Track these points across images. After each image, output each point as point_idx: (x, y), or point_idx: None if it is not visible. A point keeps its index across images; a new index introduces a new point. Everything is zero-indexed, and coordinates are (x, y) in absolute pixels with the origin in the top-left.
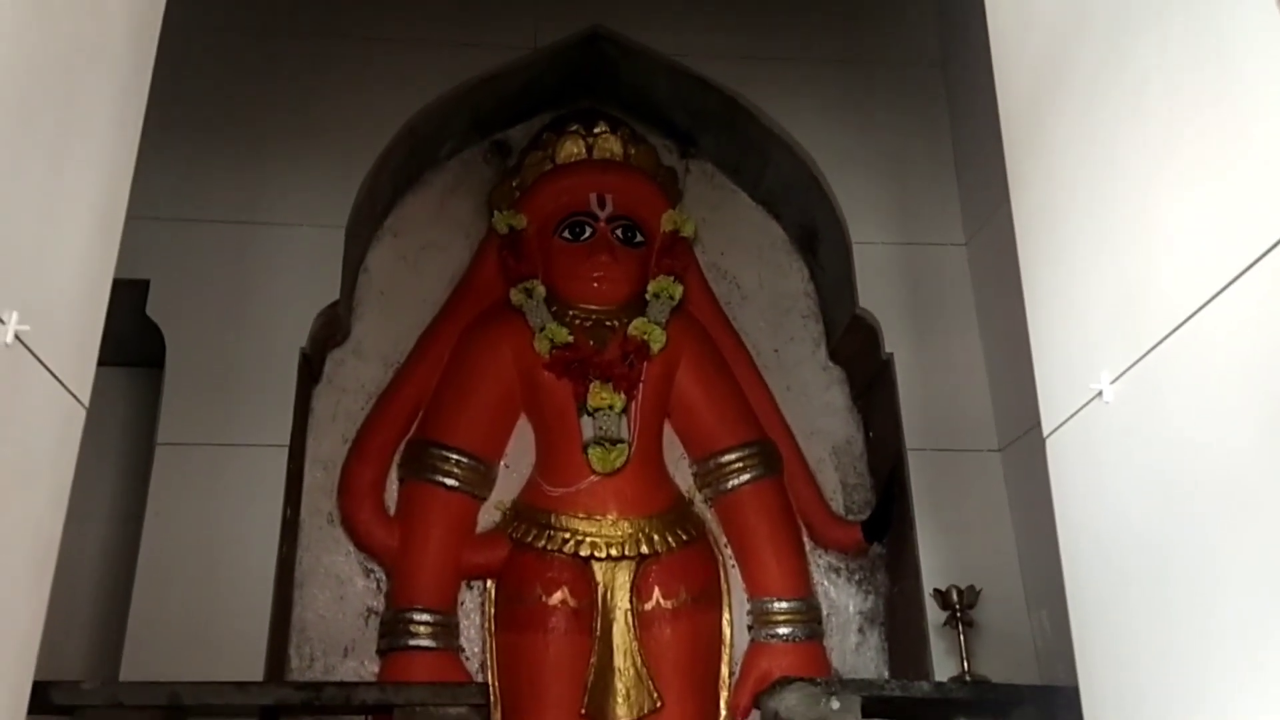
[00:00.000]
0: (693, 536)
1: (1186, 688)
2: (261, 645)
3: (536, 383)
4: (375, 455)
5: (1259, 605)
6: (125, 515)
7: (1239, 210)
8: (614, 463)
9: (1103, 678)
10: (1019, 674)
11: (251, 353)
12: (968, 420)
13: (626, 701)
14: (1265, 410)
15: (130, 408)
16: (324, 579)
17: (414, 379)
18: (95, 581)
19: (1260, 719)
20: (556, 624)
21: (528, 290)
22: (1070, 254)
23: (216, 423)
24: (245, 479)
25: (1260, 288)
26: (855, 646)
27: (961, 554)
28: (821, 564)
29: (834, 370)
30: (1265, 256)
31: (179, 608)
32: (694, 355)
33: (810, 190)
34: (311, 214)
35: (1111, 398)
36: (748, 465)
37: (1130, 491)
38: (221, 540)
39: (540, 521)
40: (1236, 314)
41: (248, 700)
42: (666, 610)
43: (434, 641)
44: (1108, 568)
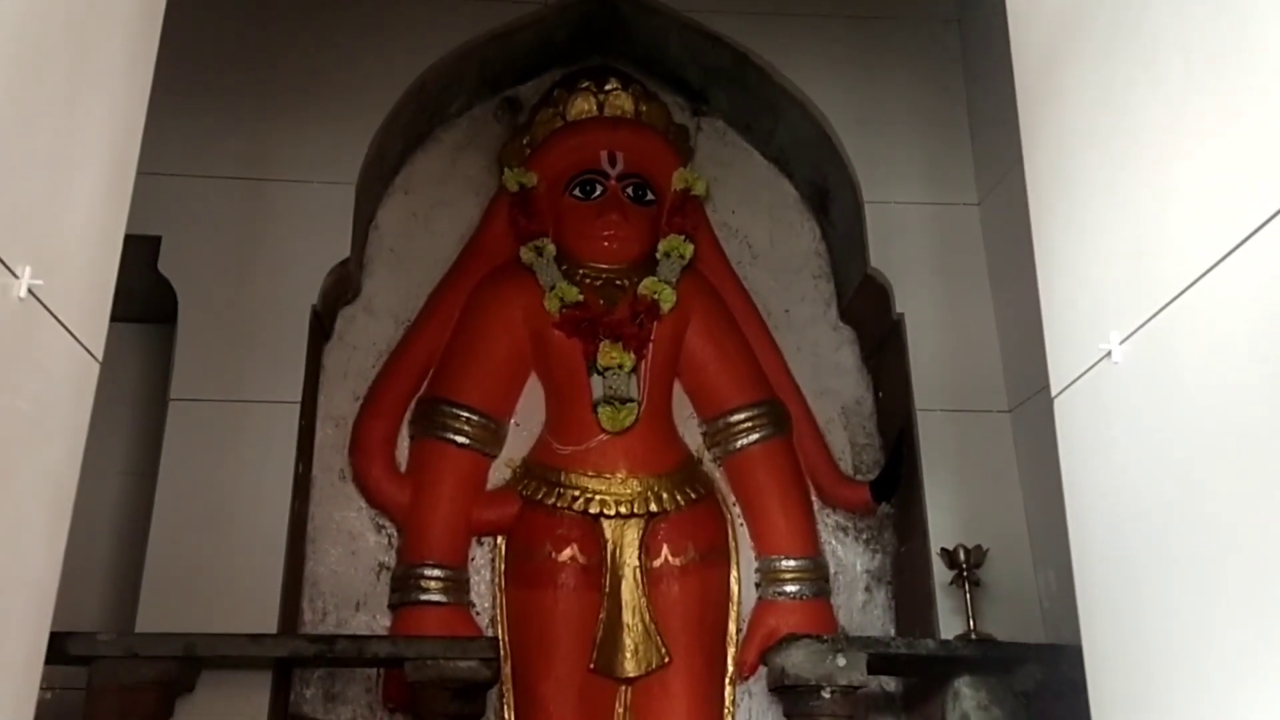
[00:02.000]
0: (701, 495)
1: (1190, 648)
2: (275, 599)
3: (546, 341)
4: (386, 412)
5: (1263, 565)
6: (139, 470)
7: (1253, 169)
8: (623, 421)
9: (1106, 637)
10: (1024, 633)
11: (263, 309)
12: (978, 381)
13: (635, 657)
14: (1274, 369)
15: (143, 363)
16: (336, 534)
17: (424, 337)
18: (111, 535)
19: (1265, 681)
20: (566, 580)
21: (538, 249)
22: (1082, 213)
23: (229, 379)
24: (257, 435)
25: (1273, 247)
26: (862, 605)
27: (969, 514)
28: (829, 523)
29: (844, 330)
30: (1273, 220)
31: (193, 561)
32: (704, 315)
33: (822, 148)
34: (322, 170)
35: (1120, 358)
36: (757, 425)
37: (1137, 452)
38: (234, 495)
39: (550, 479)
40: (1248, 274)
41: (261, 652)
42: (675, 567)
43: (445, 596)
44: (1113, 528)
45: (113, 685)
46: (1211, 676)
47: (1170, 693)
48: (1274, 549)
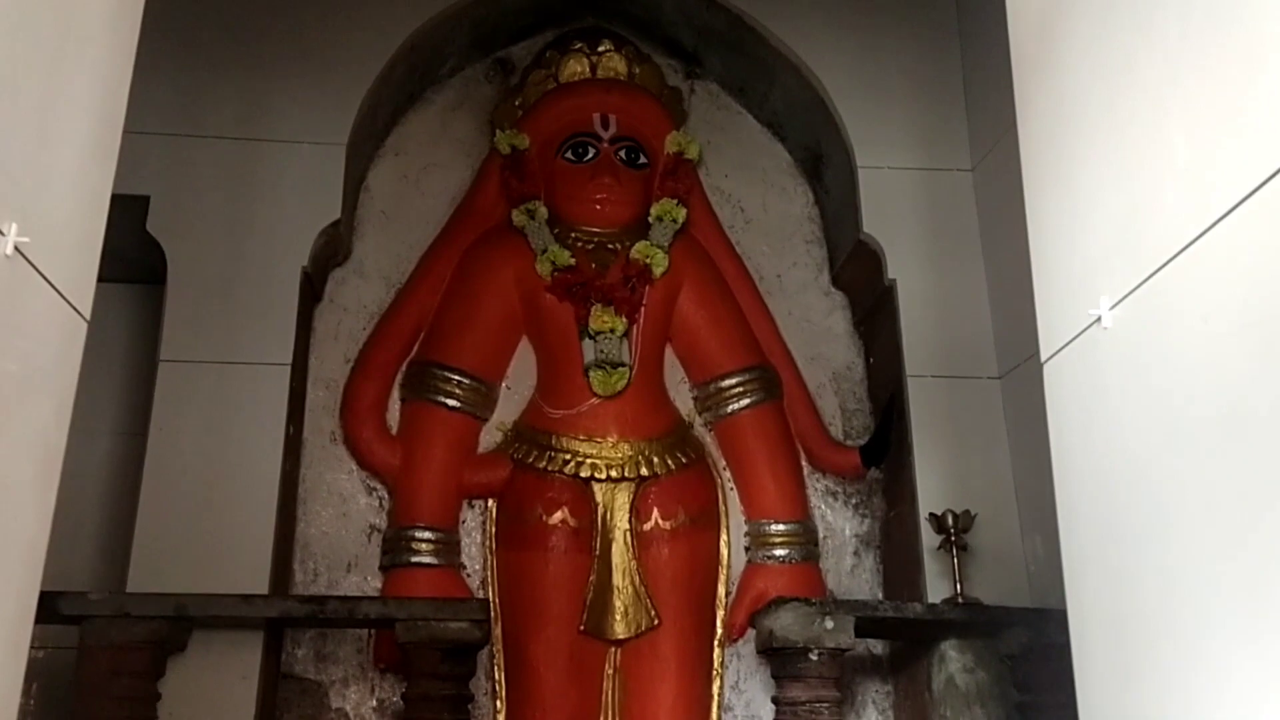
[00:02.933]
0: (692, 459)
1: (1174, 611)
2: (266, 560)
3: (538, 305)
4: (377, 375)
5: (1248, 528)
6: (130, 431)
7: (1246, 134)
8: (615, 386)
9: (1090, 600)
10: (1011, 598)
11: (253, 270)
12: (968, 347)
13: (625, 619)
14: (1264, 335)
15: (133, 324)
16: (327, 496)
17: (415, 299)
18: (101, 496)
19: (1248, 643)
20: (557, 543)
21: (529, 211)
22: (1075, 177)
23: (219, 340)
24: (248, 396)
25: (1264, 213)
26: (850, 569)
27: (958, 479)
28: (819, 488)
29: (836, 296)
30: (1270, 182)
31: (184, 522)
32: (696, 279)
33: (816, 113)
34: (312, 131)
35: (1110, 323)
36: (748, 390)
37: (1125, 418)
38: (225, 457)
39: (541, 443)
40: (1240, 239)
41: (252, 612)
42: (665, 531)
43: (435, 558)
44: (1100, 493)
45: (104, 644)
46: (1195, 639)
47: (1153, 655)
48: (1259, 512)
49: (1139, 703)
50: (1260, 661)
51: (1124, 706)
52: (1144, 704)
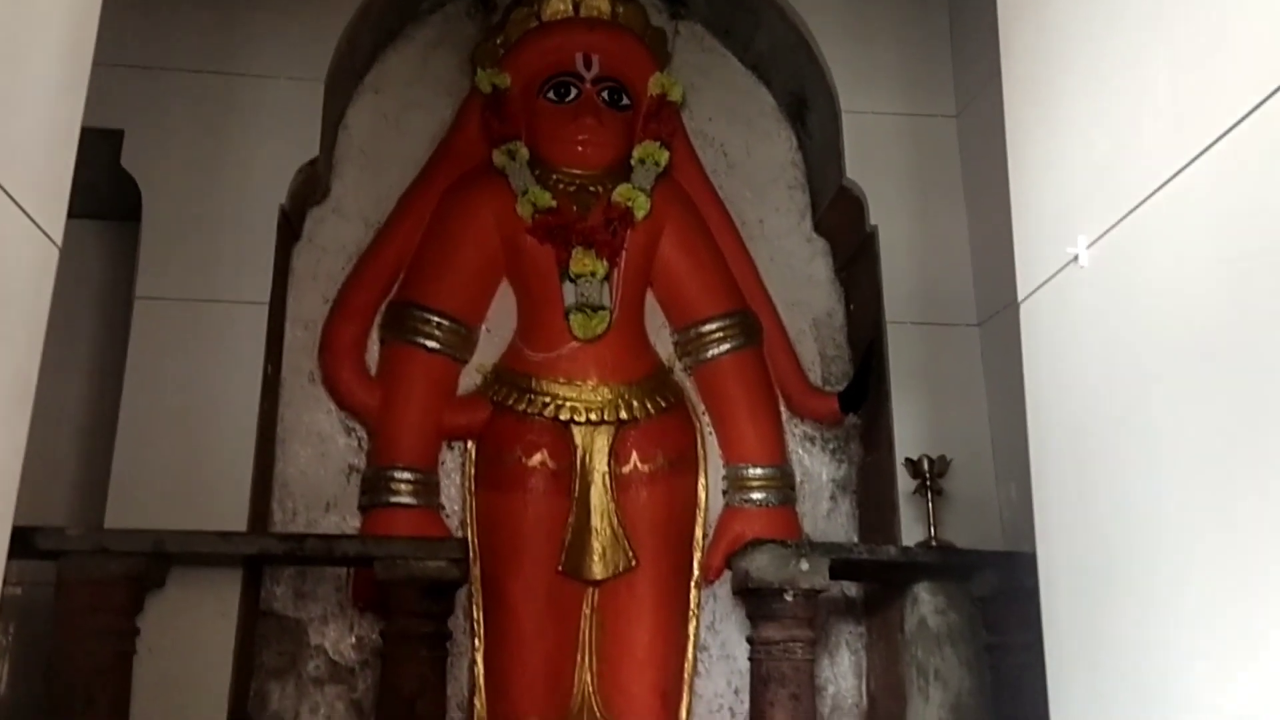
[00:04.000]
0: (671, 404)
1: (1140, 554)
2: (244, 499)
3: (518, 247)
4: (356, 315)
5: (1220, 469)
6: (105, 369)
7: (1226, 72)
8: (595, 329)
9: (1060, 544)
10: (984, 543)
11: (229, 208)
12: (948, 294)
13: (603, 560)
14: (1238, 270)
15: (108, 261)
16: (305, 436)
17: (395, 240)
18: (78, 433)
19: (1210, 584)
20: (535, 484)
21: (510, 152)
22: (1057, 117)
23: (195, 278)
24: (225, 335)
25: (1241, 149)
26: (827, 513)
27: (934, 425)
28: (797, 433)
29: (818, 242)
30: (1247, 118)
31: (162, 460)
32: (678, 223)
33: (801, 55)
34: (290, 66)
35: (1087, 262)
36: (728, 335)
37: (1099, 358)
38: (202, 395)
39: (521, 385)
40: (1216, 176)
41: (231, 549)
42: (644, 474)
43: (414, 499)
44: (1072, 434)
45: (82, 580)
46: (1160, 581)
47: (1118, 597)
48: (1230, 450)
49: (1103, 643)
50: (1226, 601)
51: (1088, 646)
52: (1107, 643)
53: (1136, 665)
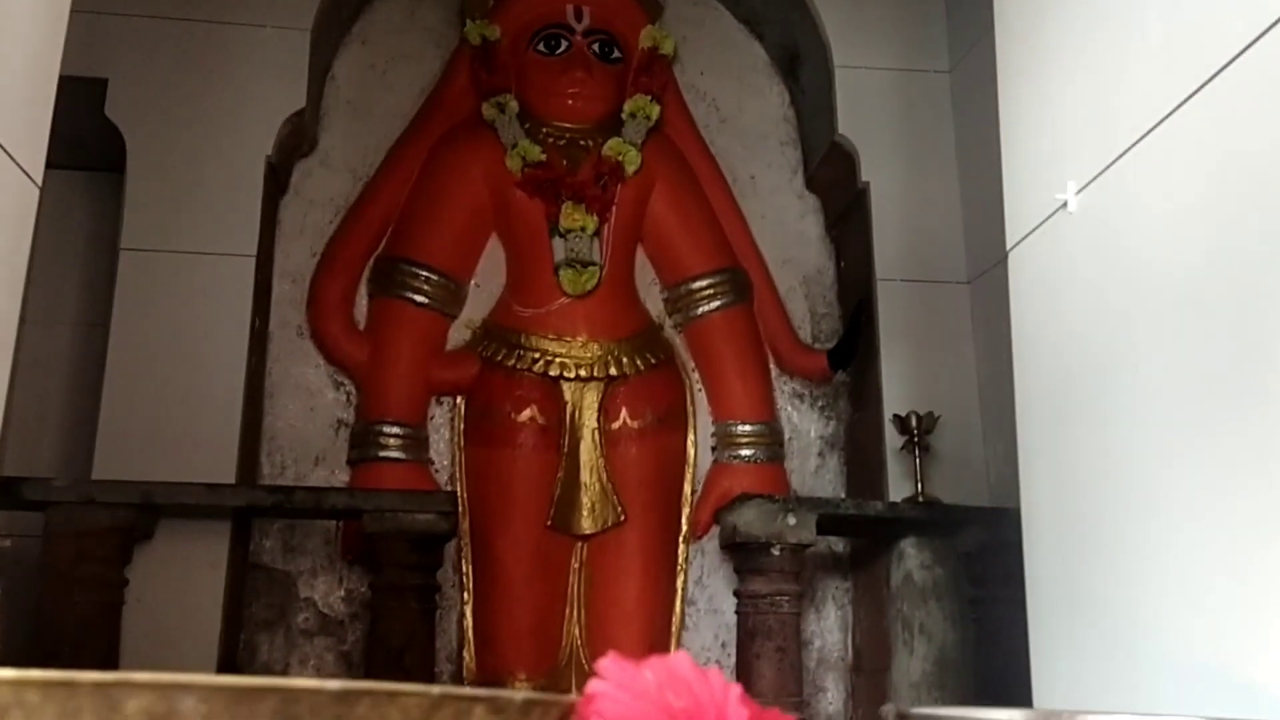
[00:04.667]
0: (661, 360)
1: (1123, 508)
2: (233, 452)
3: (508, 201)
4: (344, 270)
5: (1206, 418)
6: (92, 321)
7: (1218, 12)
8: (585, 285)
9: (1043, 498)
10: (971, 499)
11: (215, 159)
12: (939, 251)
13: (591, 515)
14: (1225, 215)
15: (93, 213)
16: (294, 390)
17: (383, 194)
18: (65, 386)
19: (1195, 538)
20: (525, 440)
21: (500, 105)
22: (1048, 60)
23: (181, 229)
24: (212, 287)
25: (1230, 91)
26: (814, 470)
27: (923, 383)
28: (786, 390)
29: (809, 199)
30: (1235, 60)
31: (149, 413)
32: (669, 179)
33: (794, 10)
34: (276, 14)
35: (1076, 208)
36: (718, 292)
37: (1086, 306)
38: (190, 348)
39: (510, 341)
40: (1205, 118)
41: (219, 501)
42: (633, 430)
43: (403, 453)
44: (1057, 383)
45: (69, 531)
46: (1142, 535)
47: (1101, 549)
48: (1214, 399)
49: (1085, 596)
50: (1213, 554)
51: (1070, 600)
52: (1090, 597)
53: (1119, 618)
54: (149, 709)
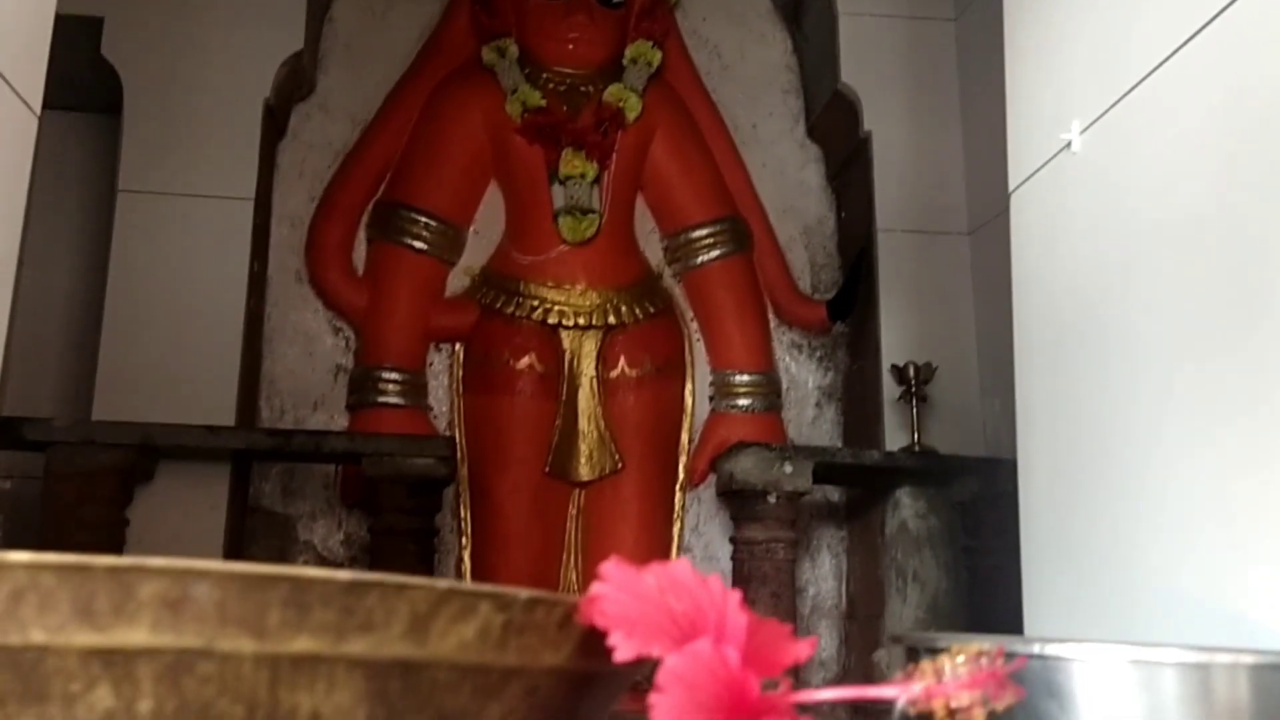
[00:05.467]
0: (660, 309)
1: (1119, 451)
2: (232, 396)
3: (507, 147)
4: (343, 215)
5: (1206, 361)
6: (91, 265)
7: None
8: (584, 232)
9: (1040, 446)
10: (967, 449)
11: (213, 100)
12: (940, 202)
13: (589, 462)
14: (1228, 152)
15: (90, 155)
16: (293, 335)
17: (382, 138)
18: (65, 329)
19: (1191, 485)
20: (523, 387)
21: (500, 49)
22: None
23: (178, 172)
24: (210, 230)
25: (1236, 28)
26: (812, 420)
27: (922, 334)
28: (784, 340)
29: (811, 148)
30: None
31: (148, 356)
32: (670, 126)
33: None
34: None
35: (1080, 148)
36: (718, 241)
37: (1087, 248)
38: (188, 291)
39: (509, 288)
40: (1211, 56)
41: (219, 443)
42: (631, 378)
43: (402, 399)
44: (1056, 328)
45: (70, 472)
46: (1140, 481)
47: (1097, 496)
48: (1213, 343)
49: (1080, 544)
50: (1197, 493)
51: (1065, 547)
52: (1085, 545)
53: (1111, 558)
54: (163, 594)
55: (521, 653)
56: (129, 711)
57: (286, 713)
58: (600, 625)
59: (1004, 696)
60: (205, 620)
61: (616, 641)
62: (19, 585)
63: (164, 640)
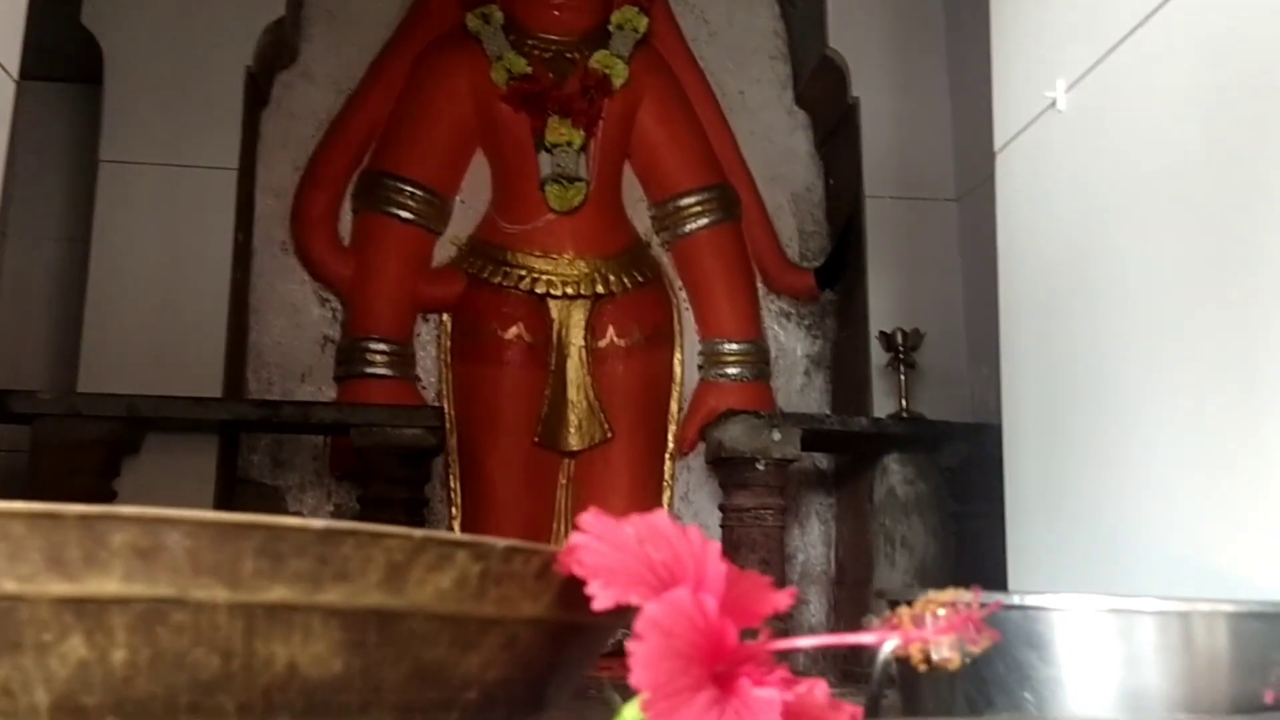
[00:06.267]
0: (648, 278)
1: (1104, 410)
2: (219, 368)
3: (493, 115)
4: (328, 184)
5: (1186, 319)
6: (74, 236)
7: None
8: (571, 201)
9: (1024, 409)
10: (955, 415)
11: (194, 68)
12: (927, 168)
13: (579, 432)
14: (1211, 106)
15: (71, 125)
16: (279, 306)
17: (367, 107)
18: (49, 301)
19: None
20: (512, 357)
21: (484, 16)
22: None
23: (161, 141)
24: (193, 201)
25: None
26: (800, 388)
27: (909, 300)
28: (773, 309)
29: (799, 115)
30: None
31: (133, 327)
32: (657, 93)
33: None
34: None
35: (1065, 105)
36: (706, 209)
37: (1073, 206)
38: (173, 262)
39: (496, 258)
40: (1194, 9)
41: (206, 415)
42: (620, 348)
43: (390, 370)
44: (1043, 289)
45: (56, 443)
46: (1124, 439)
47: (1081, 455)
48: (1199, 298)
49: (1063, 504)
50: (1182, 451)
51: (1048, 507)
52: (1066, 494)
53: (1095, 515)
54: (134, 543)
55: (500, 603)
56: (103, 661)
57: (263, 663)
58: (579, 574)
59: (980, 641)
60: (178, 569)
61: (595, 590)
62: None
63: (137, 589)
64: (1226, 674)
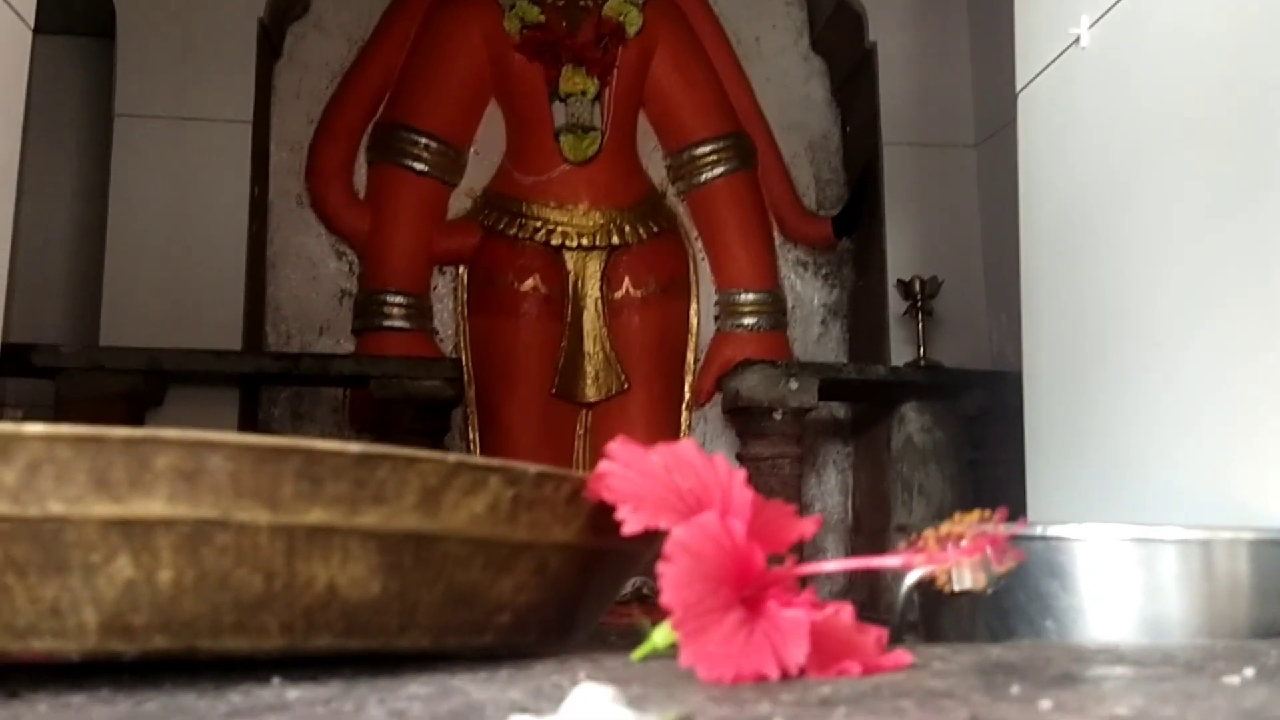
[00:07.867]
0: (664, 229)
1: (1125, 352)
2: (238, 321)
3: (506, 65)
4: (343, 137)
5: (1208, 261)
6: (91, 191)
7: None
8: (586, 151)
9: (1045, 356)
10: (973, 363)
11: (206, 20)
12: (946, 114)
13: (595, 383)
14: (1237, 40)
15: (86, 79)
16: (296, 259)
17: (380, 58)
18: (68, 254)
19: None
20: (528, 309)
21: None
22: None
23: (175, 94)
24: (209, 154)
25: None
26: (817, 337)
27: (927, 248)
28: (790, 258)
29: (815, 61)
30: None
31: (153, 281)
32: (671, 41)
33: None
34: None
35: (1088, 42)
36: (722, 158)
37: (1095, 145)
38: (189, 216)
39: (511, 210)
40: None
41: (226, 368)
42: (636, 299)
43: (407, 322)
44: (1064, 224)
45: (80, 397)
46: (1146, 378)
47: (1103, 396)
48: (1221, 238)
49: (1084, 448)
50: (1201, 381)
51: (1066, 448)
52: (1089, 448)
53: (1117, 461)
54: (178, 465)
55: (531, 528)
56: (150, 581)
57: (304, 583)
58: (608, 500)
59: (1005, 560)
60: (220, 491)
61: (624, 515)
62: (36, 457)
63: (180, 511)
64: (1246, 600)
